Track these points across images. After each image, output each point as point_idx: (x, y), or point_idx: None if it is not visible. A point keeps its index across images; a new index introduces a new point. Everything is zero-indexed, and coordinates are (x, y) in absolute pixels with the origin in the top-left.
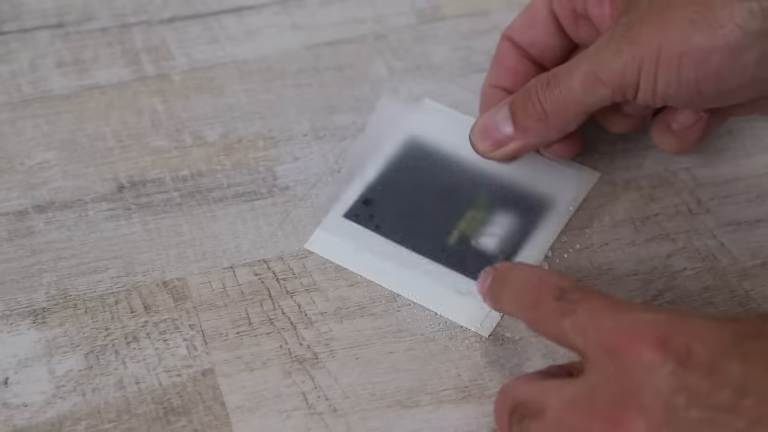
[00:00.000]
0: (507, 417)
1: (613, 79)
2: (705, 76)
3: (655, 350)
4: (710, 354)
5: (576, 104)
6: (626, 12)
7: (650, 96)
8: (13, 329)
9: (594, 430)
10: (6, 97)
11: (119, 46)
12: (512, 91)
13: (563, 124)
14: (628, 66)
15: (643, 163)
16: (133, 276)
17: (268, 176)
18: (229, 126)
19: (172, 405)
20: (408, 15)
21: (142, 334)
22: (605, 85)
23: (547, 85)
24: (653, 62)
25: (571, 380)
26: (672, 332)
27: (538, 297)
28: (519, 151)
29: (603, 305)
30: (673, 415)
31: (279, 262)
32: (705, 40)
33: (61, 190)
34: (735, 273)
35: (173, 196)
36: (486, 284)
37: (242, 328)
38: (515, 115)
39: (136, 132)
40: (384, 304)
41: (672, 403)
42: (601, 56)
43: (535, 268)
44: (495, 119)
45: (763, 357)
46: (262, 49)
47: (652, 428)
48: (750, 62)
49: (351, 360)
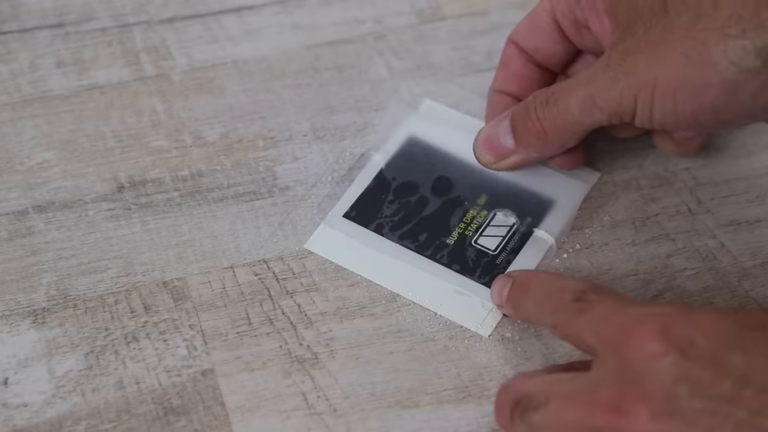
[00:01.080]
0: (509, 411)
1: (609, 106)
2: (701, 109)
3: (658, 341)
4: (712, 346)
5: (573, 125)
6: (622, 39)
7: (647, 122)
8: (13, 329)
9: (596, 420)
10: (6, 97)
11: (119, 46)
12: (518, 96)
13: (562, 142)
14: (625, 94)
15: (643, 163)
16: (133, 276)
17: (268, 176)
18: (229, 126)
19: (171, 405)
20: (408, 15)
21: (141, 334)
22: (602, 111)
23: (546, 104)
24: (649, 93)
25: (575, 374)
26: (674, 324)
27: (560, 301)
28: (521, 164)
29: (615, 303)
30: (675, 404)
31: (279, 262)
32: (700, 76)
33: (61, 190)
34: (735, 273)
35: (173, 196)
36: (505, 292)
37: (242, 328)
38: (516, 130)
39: (136, 132)
40: (384, 304)
41: (674, 393)
42: (598, 82)
43: (556, 275)
44: (497, 131)
45: (765, 349)
46: (262, 49)
47: (655, 417)
48: (746, 96)
49: (351, 360)
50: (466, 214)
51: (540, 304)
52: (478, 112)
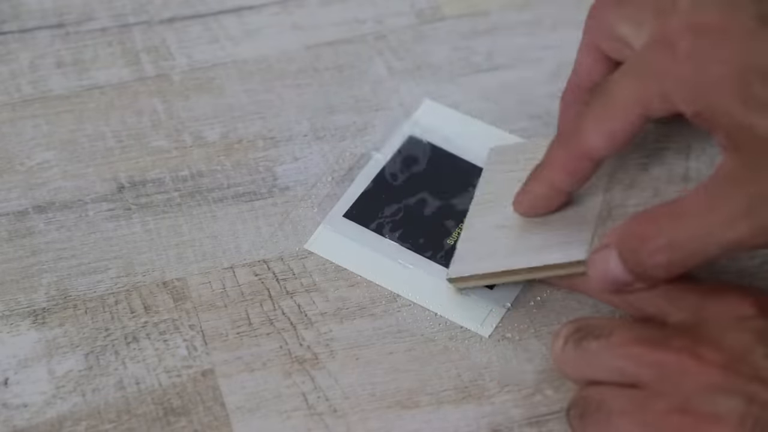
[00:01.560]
0: (563, 339)
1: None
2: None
3: (750, 306)
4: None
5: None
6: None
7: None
8: (13, 330)
9: (665, 357)
10: (6, 97)
11: (119, 46)
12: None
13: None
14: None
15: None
16: (133, 276)
17: (268, 176)
18: (229, 126)
19: (172, 405)
20: (408, 15)
21: (142, 334)
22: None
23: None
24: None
25: (645, 323)
26: (763, 299)
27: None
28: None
29: (694, 276)
30: (748, 363)
31: (279, 262)
32: None
33: (61, 191)
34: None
35: (173, 196)
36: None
37: (242, 328)
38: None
39: (136, 132)
40: (384, 305)
41: (751, 352)
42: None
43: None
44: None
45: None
46: (262, 49)
47: (726, 369)
48: None
49: (351, 360)
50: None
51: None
52: (478, 112)
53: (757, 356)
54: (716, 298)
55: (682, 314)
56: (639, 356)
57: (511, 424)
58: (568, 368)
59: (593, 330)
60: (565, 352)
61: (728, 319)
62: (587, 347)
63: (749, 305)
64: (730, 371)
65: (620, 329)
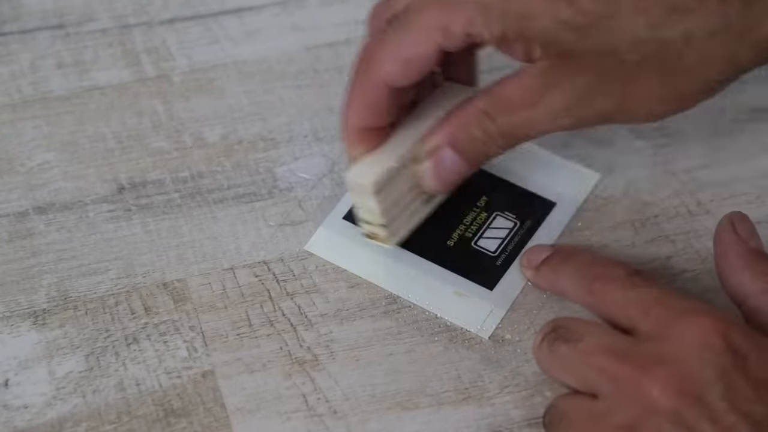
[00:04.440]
0: (540, 338)
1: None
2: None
3: (720, 338)
4: (761, 372)
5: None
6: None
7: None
8: (13, 331)
9: (621, 372)
10: (6, 98)
11: (119, 47)
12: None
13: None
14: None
15: (643, 164)
16: (134, 277)
17: (268, 177)
18: (230, 127)
19: (172, 407)
20: None
21: (142, 335)
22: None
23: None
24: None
25: (620, 333)
26: (736, 333)
27: (609, 271)
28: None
29: (670, 290)
30: (705, 395)
31: (279, 263)
32: None
33: (62, 192)
34: None
35: (173, 197)
36: (541, 257)
37: (242, 329)
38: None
39: (136, 133)
40: (384, 306)
41: (710, 386)
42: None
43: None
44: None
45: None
46: (263, 50)
47: (679, 395)
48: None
49: (351, 362)
50: (466, 216)
51: (582, 271)
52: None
53: (713, 396)
54: (687, 318)
55: (651, 326)
56: (601, 367)
57: (511, 426)
58: (543, 367)
59: (565, 333)
60: (540, 350)
61: (694, 342)
62: (557, 350)
63: (717, 335)
64: (683, 402)
65: (590, 335)
